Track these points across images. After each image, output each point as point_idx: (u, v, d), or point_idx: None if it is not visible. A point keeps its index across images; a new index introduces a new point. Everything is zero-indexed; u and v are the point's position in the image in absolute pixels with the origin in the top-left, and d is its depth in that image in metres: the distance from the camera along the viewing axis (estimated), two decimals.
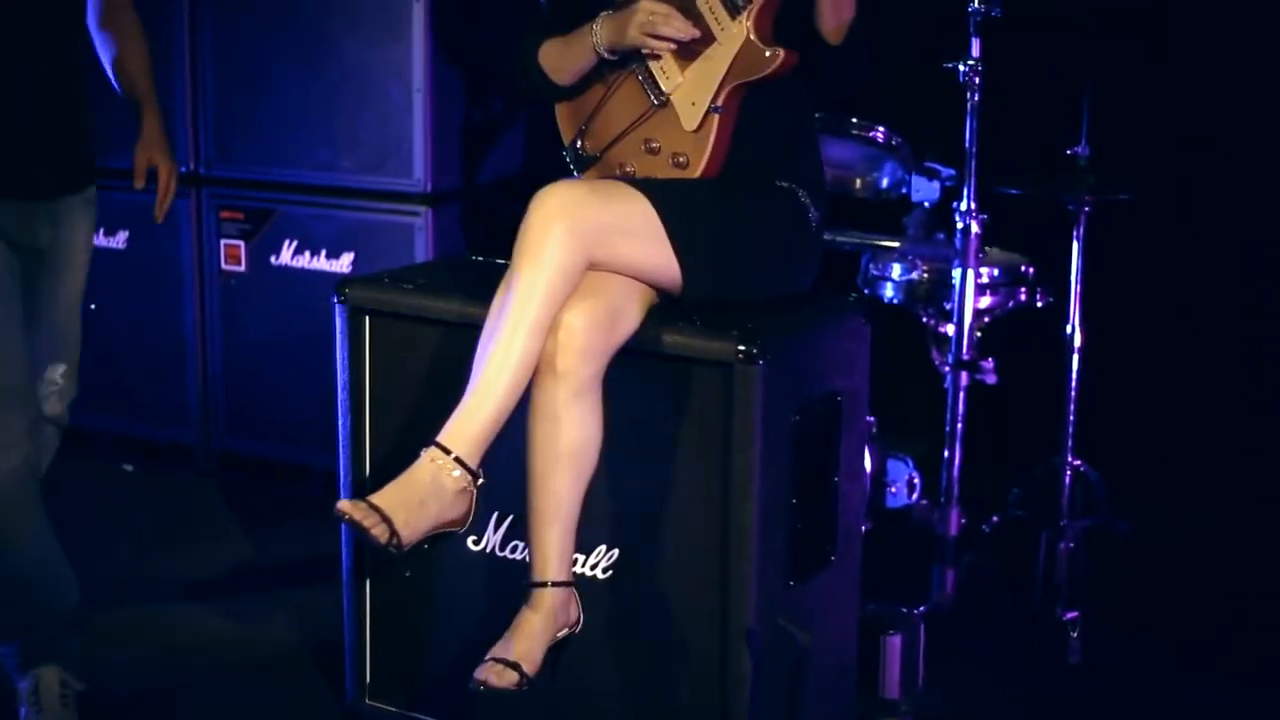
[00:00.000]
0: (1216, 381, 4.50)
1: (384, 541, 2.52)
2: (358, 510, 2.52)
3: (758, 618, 2.76)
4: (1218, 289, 4.49)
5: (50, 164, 3.06)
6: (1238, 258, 4.46)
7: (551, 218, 2.62)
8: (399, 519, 2.53)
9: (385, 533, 2.51)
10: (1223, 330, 4.49)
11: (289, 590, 3.93)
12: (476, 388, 2.62)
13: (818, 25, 2.76)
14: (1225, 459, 4.44)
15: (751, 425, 2.69)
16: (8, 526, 2.99)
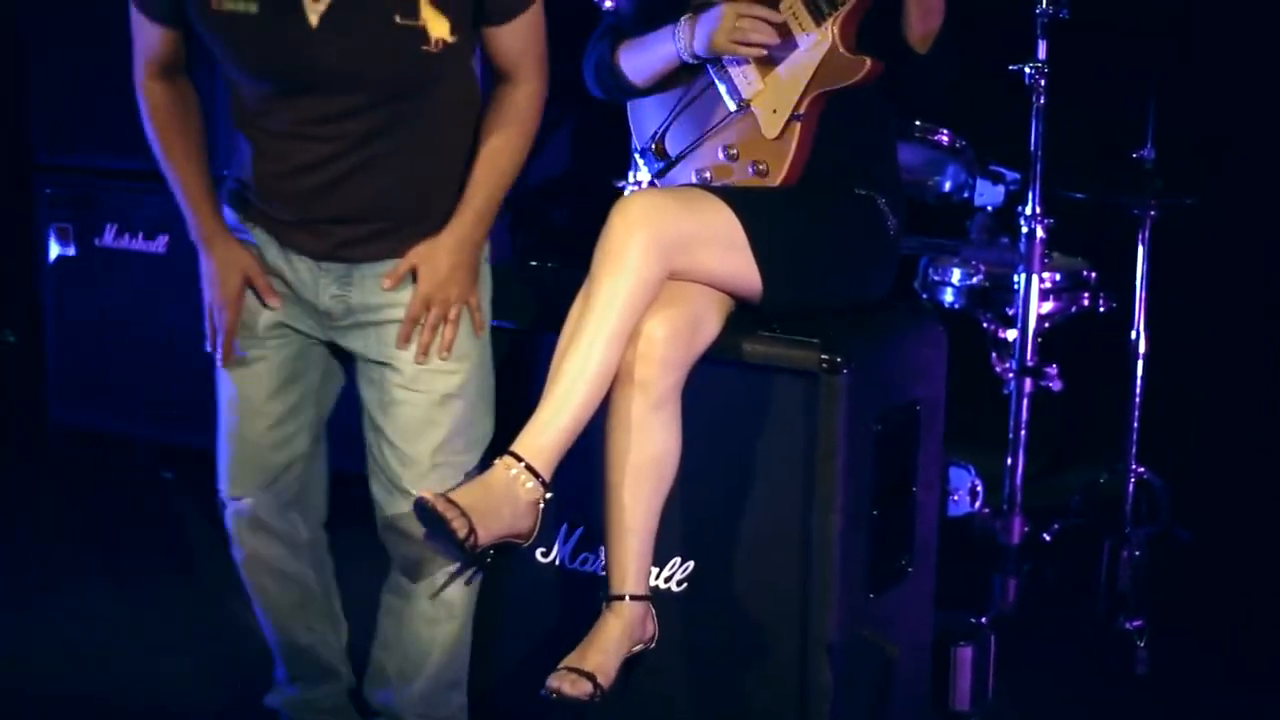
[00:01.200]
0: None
1: (462, 537, 2.47)
2: (440, 502, 2.48)
3: (839, 631, 2.72)
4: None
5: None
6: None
7: (634, 226, 2.58)
8: (476, 518, 2.49)
9: (465, 527, 2.47)
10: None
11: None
12: (553, 397, 2.58)
13: (904, 33, 2.71)
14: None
15: (835, 435, 2.65)
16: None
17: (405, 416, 2.69)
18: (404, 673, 2.81)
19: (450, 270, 2.65)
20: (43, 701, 3.39)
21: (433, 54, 2.53)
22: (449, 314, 2.67)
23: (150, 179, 4.66)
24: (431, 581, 2.76)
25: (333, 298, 2.71)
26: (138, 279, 4.73)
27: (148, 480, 4.80)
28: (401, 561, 2.76)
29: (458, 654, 2.83)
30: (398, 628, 2.81)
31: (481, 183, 2.67)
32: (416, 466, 2.68)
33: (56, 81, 4.82)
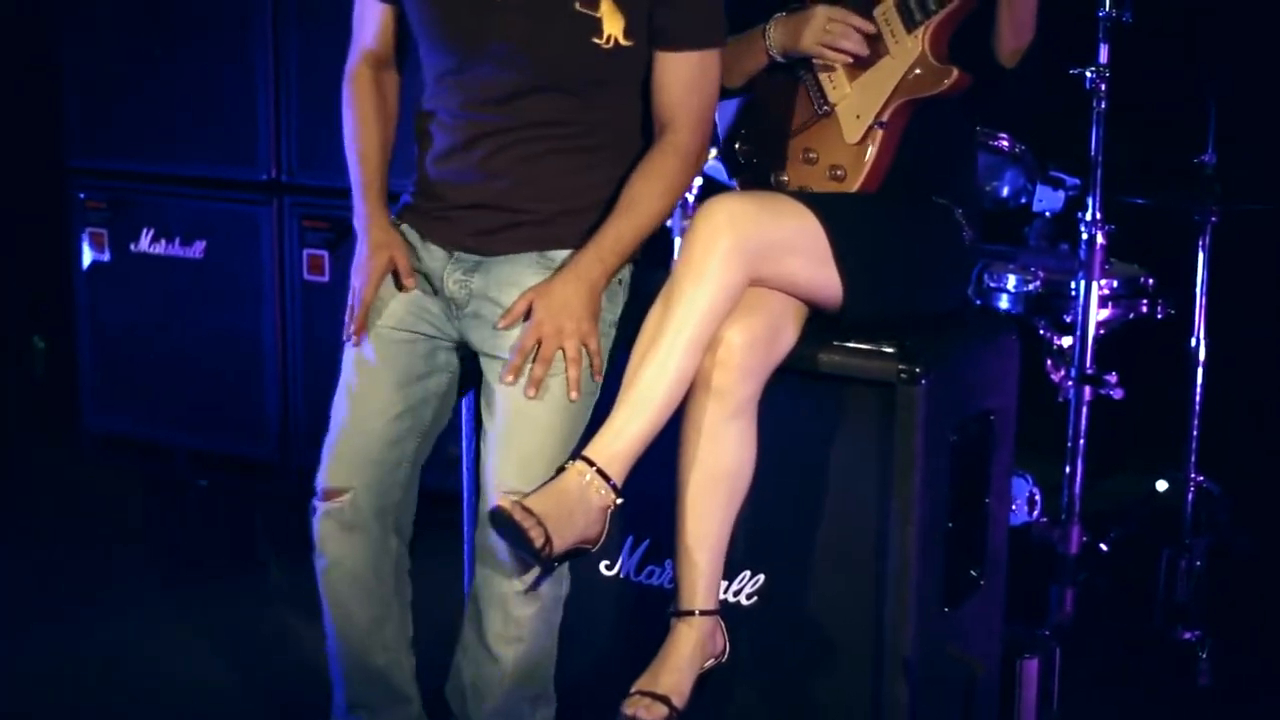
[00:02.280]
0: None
1: (538, 546, 2.42)
2: (517, 510, 2.43)
3: (914, 645, 2.67)
4: None
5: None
6: None
7: (718, 232, 2.53)
8: (551, 526, 2.44)
9: (541, 536, 2.42)
10: None
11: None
12: (628, 403, 2.53)
13: (994, 46, 2.67)
14: None
15: (913, 447, 2.60)
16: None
17: (506, 411, 2.63)
18: (477, 687, 2.76)
19: (564, 305, 2.59)
20: (76, 713, 3.35)
21: (603, 49, 2.59)
22: (568, 351, 2.60)
23: (187, 183, 4.67)
24: (502, 596, 2.69)
25: (456, 282, 2.71)
26: (174, 285, 4.68)
27: (182, 488, 4.75)
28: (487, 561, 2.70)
29: (534, 672, 2.74)
30: (475, 639, 2.75)
31: (613, 225, 2.64)
32: (508, 466, 2.61)
33: (89, 82, 4.77)
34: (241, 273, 4.57)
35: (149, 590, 3.98)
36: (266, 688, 3.44)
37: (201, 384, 4.69)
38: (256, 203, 4.52)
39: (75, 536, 4.39)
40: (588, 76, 2.62)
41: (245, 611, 3.84)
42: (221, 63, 4.50)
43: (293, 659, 3.60)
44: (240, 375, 4.62)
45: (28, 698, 3.41)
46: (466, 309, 2.71)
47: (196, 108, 4.56)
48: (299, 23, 4.39)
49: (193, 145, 4.58)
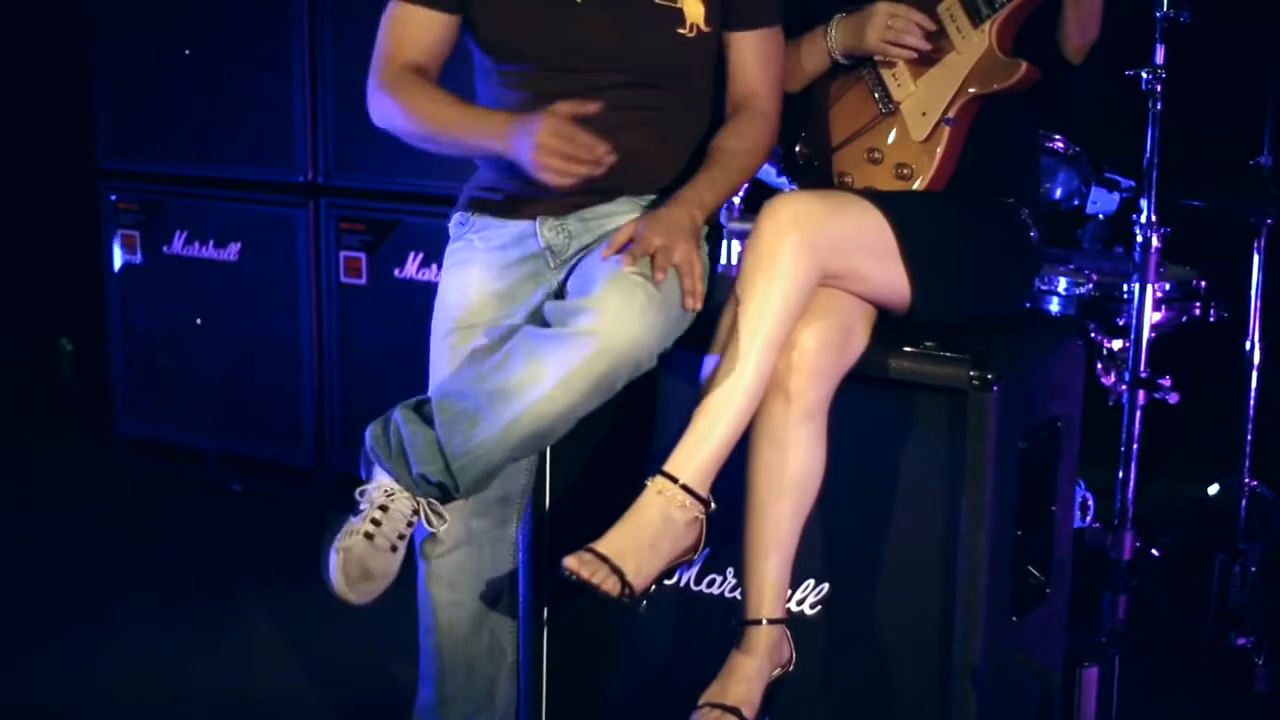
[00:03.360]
0: None
1: (615, 595, 2.39)
2: (585, 567, 2.38)
3: (984, 655, 2.63)
4: None
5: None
6: None
7: (785, 230, 2.48)
8: (630, 568, 2.40)
9: (616, 586, 2.39)
10: None
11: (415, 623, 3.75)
12: (707, 410, 2.48)
13: (1060, 43, 2.63)
14: None
15: (984, 454, 2.55)
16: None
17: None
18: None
19: (676, 225, 2.55)
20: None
21: (687, 38, 2.65)
22: (680, 261, 2.52)
23: (221, 185, 4.64)
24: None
25: (552, 228, 2.74)
26: (208, 288, 4.65)
27: (216, 493, 4.72)
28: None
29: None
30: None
31: (707, 173, 2.67)
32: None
33: (120, 83, 4.75)
34: (277, 275, 4.54)
35: (181, 597, 3.94)
36: (304, 697, 3.42)
37: (235, 387, 4.66)
38: (292, 204, 4.48)
39: (106, 541, 4.35)
40: (672, 67, 2.66)
41: (281, 619, 3.81)
42: (257, 63, 4.48)
43: (332, 666, 3.58)
44: (275, 378, 4.59)
45: (58, 705, 3.38)
46: (568, 253, 2.73)
47: (231, 109, 4.53)
48: (335, 23, 4.36)
49: (227, 147, 4.55)
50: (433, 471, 2.53)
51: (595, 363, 2.44)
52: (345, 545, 2.52)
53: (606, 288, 2.47)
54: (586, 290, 2.51)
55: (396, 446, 2.56)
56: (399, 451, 2.55)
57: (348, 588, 2.51)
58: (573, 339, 2.45)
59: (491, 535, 2.83)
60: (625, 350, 2.45)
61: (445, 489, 2.55)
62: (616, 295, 2.46)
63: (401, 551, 2.56)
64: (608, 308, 2.45)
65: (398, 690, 3.46)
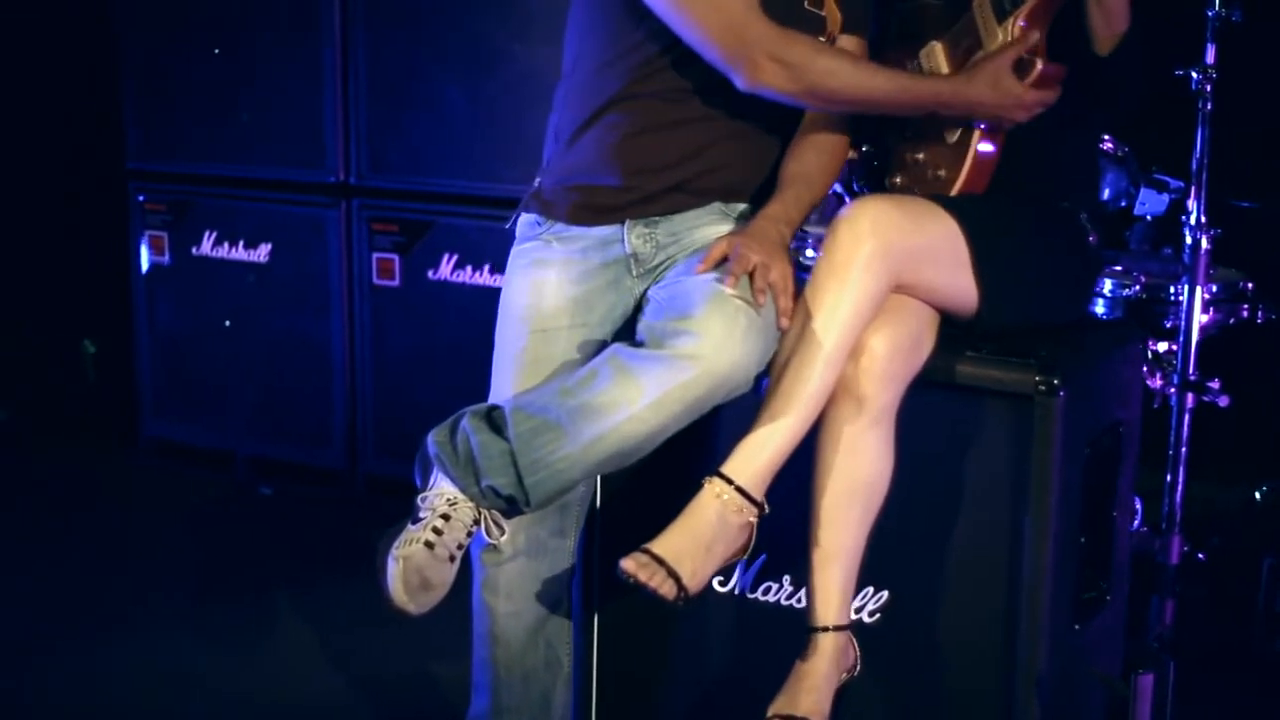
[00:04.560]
0: None
1: (671, 598, 2.37)
2: (643, 570, 2.36)
3: (1048, 663, 2.60)
4: None
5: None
6: None
7: (862, 238, 2.45)
8: (685, 570, 2.38)
9: (673, 589, 2.37)
10: None
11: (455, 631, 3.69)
12: (769, 414, 2.46)
13: (1090, 36, 2.58)
14: None
15: (1050, 460, 2.53)
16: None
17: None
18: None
19: (773, 243, 2.53)
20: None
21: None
22: (776, 281, 2.49)
23: (251, 186, 4.61)
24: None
25: (639, 236, 2.69)
26: (237, 289, 4.62)
27: (245, 496, 4.68)
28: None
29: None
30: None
31: (793, 190, 2.63)
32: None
33: (147, 83, 4.72)
34: (308, 277, 4.51)
35: (211, 602, 3.91)
36: (342, 705, 3.39)
37: (265, 389, 4.63)
38: (324, 205, 4.46)
39: (133, 545, 4.31)
40: None
41: (315, 624, 3.77)
42: (288, 62, 4.44)
43: (369, 673, 3.54)
44: (306, 380, 4.56)
45: (85, 715, 3.35)
46: (653, 262, 2.68)
47: (261, 109, 4.50)
48: (368, 22, 4.32)
49: (257, 147, 4.52)
50: (504, 484, 2.46)
51: (693, 387, 2.40)
52: (405, 553, 2.46)
53: (708, 311, 2.42)
54: (685, 310, 2.45)
55: (465, 455, 2.50)
56: (467, 461, 2.49)
57: (407, 598, 2.45)
58: (671, 361, 2.40)
59: (550, 545, 2.79)
60: (726, 375, 2.41)
61: (515, 503, 2.48)
62: (720, 320, 2.41)
63: (458, 561, 2.52)
64: (711, 332, 2.40)
65: (439, 697, 3.45)
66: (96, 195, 5.06)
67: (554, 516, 2.77)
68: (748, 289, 2.45)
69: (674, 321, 2.44)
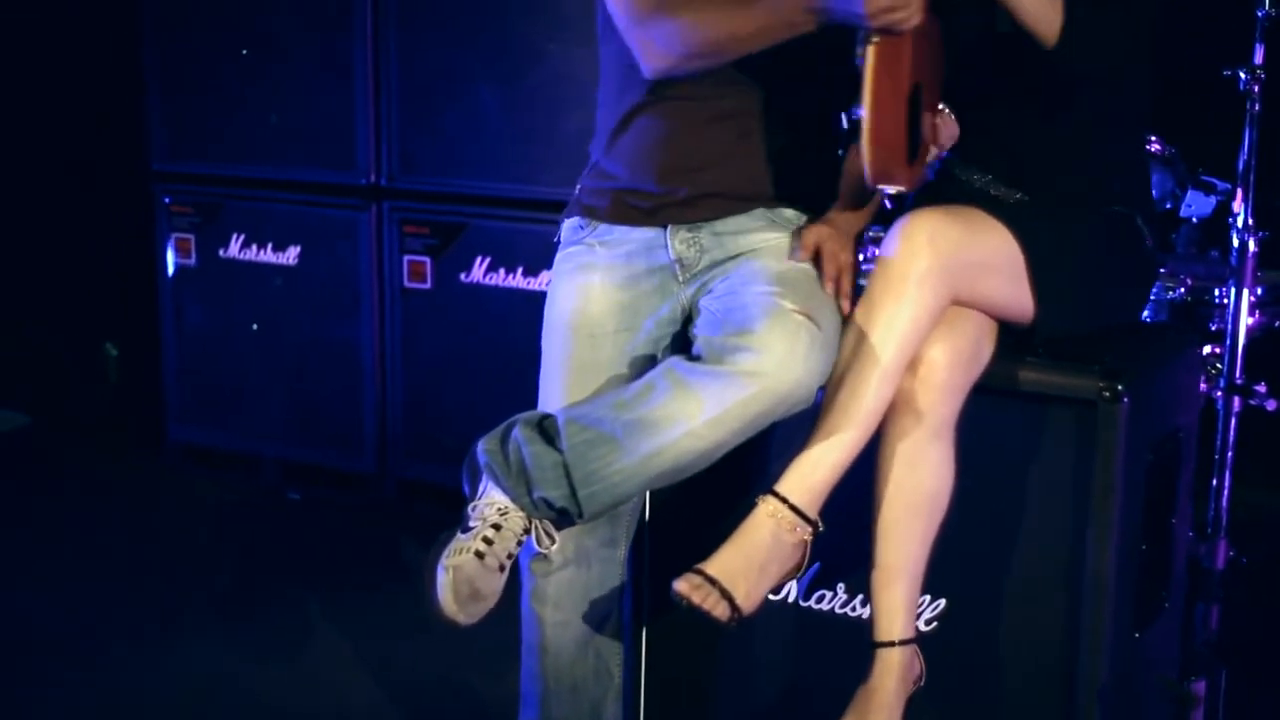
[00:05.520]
0: None
1: (725, 620, 2.34)
2: (696, 591, 2.33)
3: (1110, 672, 2.57)
4: None
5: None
6: None
7: (919, 252, 2.42)
8: (739, 591, 2.35)
9: (726, 611, 2.34)
10: None
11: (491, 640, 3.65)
12: (823, 432, 2.42)
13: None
14: None
15: (1113, 468, 2.50)
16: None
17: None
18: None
19: (846, 236, 2.54)
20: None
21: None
22: (845, 278, 2.52)
23: (280, 188, 4.57)
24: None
25: (683, 241, 2.66)
26: (266, 292, 4.59)
27: (273, 501, 4.64)
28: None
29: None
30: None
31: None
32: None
33: (173, 83, 4.68)
34: (338, 280, 4.48)
35: (240, 609, 3.87)
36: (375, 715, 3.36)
37: (294, 393, 4.59)
38: (355, 208, 4.42)
39: (160, 550, 4.27)
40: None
41: (347, 632, 3.73)
42: (318, 62, 4.41)
43: (403, 682, 3.50)
44: (336, 384, 4.52)
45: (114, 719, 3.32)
46: (698, 267, 2.64)
47: (291, 110, 4.47)
48: (400, 21, 4.28)
49: (287, 148, 4.49)
50: (556, 496, 2.43)
51: (753, 404, 2.37)
52: (455, 563, 2.42)
53: (769, 326, 2.39)
54: (744, 325, 2.42)
55: (517, 466, 2.46)
56: (519, 471, 2.46)
57: (458, 608, 2.42)
58: (732, 378, 2.37)
59: (600, 554, 2.76)
60: (788, 393, 2.38)
61: (567, 514, 2.45)
62: (782, 336, 2.38)
63: (507, 571, 2.48)
64: (774, 349, 2.37)
65: (477, 708, 3.42)
66: (121, 198, 5.02)
67: (604, 526, 2.73)
68: (803, 302, 2.43)
69: (733, 337, 2.41)
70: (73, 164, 5.17)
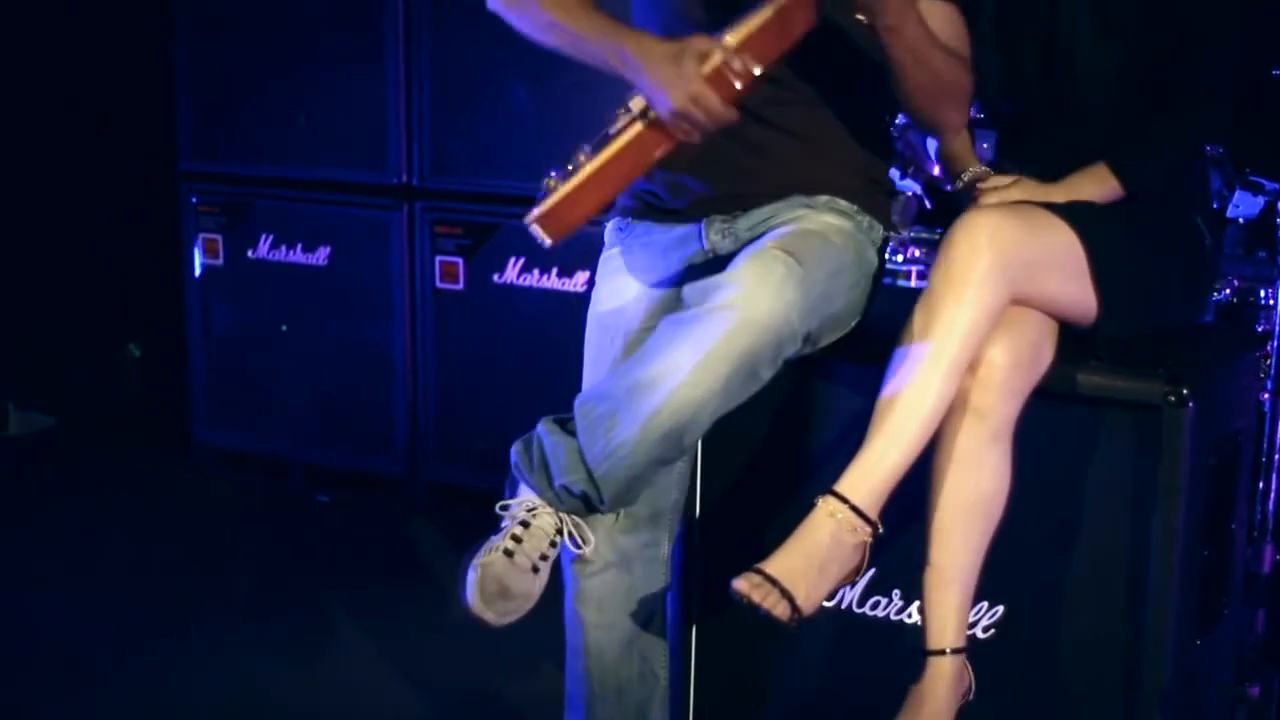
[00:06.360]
0: None
1: (785, 620, 2.30)
2: (756, 591, 2.29)
3: (1172, 679, 2.54)
4: None
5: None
6: None
7: (980, 250, 2.39)
8: (799, 591, 2.31)
9: (787, 611, 2.30)
10: None
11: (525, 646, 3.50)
12: (884, 432, 2.38)
13: None
14: None
15: (1178, 473, 2.46)
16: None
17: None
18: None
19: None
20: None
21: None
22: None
23: (310, 188, 4.54)
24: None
25: (718, 231, 2.63)
26: (295, 293, 4.56)
27: (302, 504, 4.60)
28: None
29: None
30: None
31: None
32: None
33: (202, 82, 4.64)
34: (368, 280, 4.45)
35: (268, 613, 3.84)
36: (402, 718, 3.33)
37: (323, 395, 4.56)
38: (386, 208, 4.39)
39: (187, 554, 4.24)
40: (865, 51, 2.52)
41: (376, 637, 3.70)
42: (349, 61, 4.38)
43: (435, 687, 3.47)
44: (366, 386, 4.49)
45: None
46: (728, 251, 2.60)
47: (321, 108, 4.43)
48: (432, 20, 4.25)
49: (317, 148, 4.46)
50: (575, 481, 2.42)
51: (734, 339, 2.33)
52: (484, 562, 2.42)
53: (745, 262, 2.39)
54: (727, 268, 2.42)
55: (539, 459, 2.46)
56: (541, 464, 2.46)
57: (484, 605, 2.41)
58: (709, 316, 2.35)
59: (643, 555, 2.72)
60: (765, 323, 2.34)
61: (589, 500, 2.44)
62: (755, 267, 2.37)
63: (544, 574, 2.47)
64: (745, 280, 2.35)
65: (509, 712, 3.39)
66: (148, 197, 4.98)
67: (645, 528, 2.70)
68: (795, 245, 2.41)
69: (713, 278, 2.40)
70: (99, 162, 5.13)
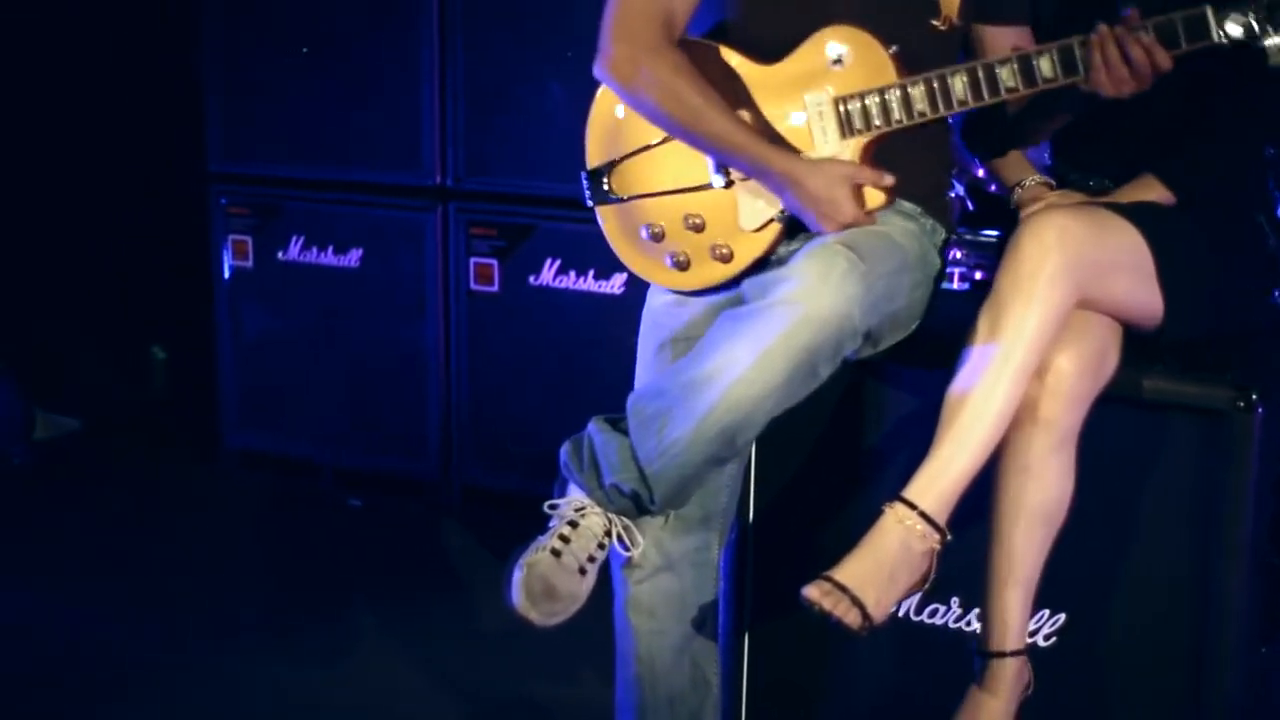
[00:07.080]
0: None
1: (856, 628, 2.28)
2: (827, 598, 2.27)
3: (1239, 688, 2.51)
4: None
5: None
6: None
7: (1048, 251, 2.37)
8: (870, 599, 2.28)
9: (858, 619, 2.27)
10: None
11: (564, 653, 3.45)
12: (952, 437, 2.36)
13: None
14: None
15: (1246, 480, 2.44)
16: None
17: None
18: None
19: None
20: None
21: (939, 32, 2.54)
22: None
23: (342, 189, 4.50)
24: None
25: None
26: (326, 295, 4.52)
27: (334, 508, 4.56)
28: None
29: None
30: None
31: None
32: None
33: (231, 82, 4.60)
34: (402, 282, 4.41)
35: (300, 619, 3.79)
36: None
37: (356, 399, 4.53)
38: (420, 209, 4.36)
39: (217, 559, 4.20)
40: (916, 58, 2.49)
41: (410, 643, 3.66)
42: (382, 60, 4.35)
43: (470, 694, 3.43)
44: (398, 389, 4.46)
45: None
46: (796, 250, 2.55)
47: (353, 109, 4.40)
48: (466, 20, 4.22)
49: (349, 148, 4.42)
50: (625, 480, 2.39)
51: (794, 335, 2.29)
52: (530, 561, 2.40)
53: (808, 257, 2.35)
54: (789, 263, 2.39)
55: (589, 458, 2.44)
56: (591, 463, 2.43)
57: (529, 604, 2.39)
58: (768, 310, 2.31)
59: (694, 559, 2.68)
60: (826, 318, 2.29)
61: (639, 500, 2.41)
62: (817, 263, 2.32)
63: (591, 576, 2.44)
64: (806, 275, 2.31)
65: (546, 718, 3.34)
66: (177, 199, 4.95)
67: (697, 532, 2.67)
68: (856, 240, 2.38)
69: (774, 272, 2.38)
70: (127, 164, 5.10)
